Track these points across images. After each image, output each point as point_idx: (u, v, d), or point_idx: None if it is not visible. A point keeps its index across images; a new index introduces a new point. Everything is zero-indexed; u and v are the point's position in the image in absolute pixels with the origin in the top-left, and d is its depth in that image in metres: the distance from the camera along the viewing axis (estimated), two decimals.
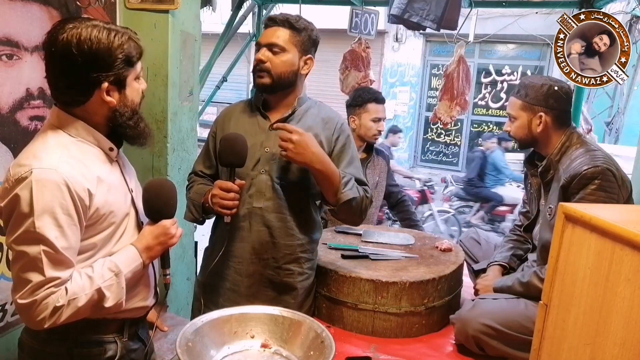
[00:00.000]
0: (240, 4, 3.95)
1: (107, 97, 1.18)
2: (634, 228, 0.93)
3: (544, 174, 1.90)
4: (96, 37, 1.14)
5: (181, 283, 2.59)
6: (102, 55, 1.15)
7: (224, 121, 1.80)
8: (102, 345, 1.28)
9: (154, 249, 1.27)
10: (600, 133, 5.52)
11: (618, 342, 0.95)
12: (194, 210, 1.75)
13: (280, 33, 1.68)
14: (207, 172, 1.83)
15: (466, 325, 1.77)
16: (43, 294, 1.10)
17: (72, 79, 1.16)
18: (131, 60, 1.20)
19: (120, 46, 1.17)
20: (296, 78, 1.72)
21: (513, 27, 8.47)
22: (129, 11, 2.20)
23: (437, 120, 3.99)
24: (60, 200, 1.10)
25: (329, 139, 1.75)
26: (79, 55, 1.12)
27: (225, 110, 1.87)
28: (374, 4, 4.09)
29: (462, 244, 2.35)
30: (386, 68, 9.75)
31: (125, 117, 1.23)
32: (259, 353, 1.36)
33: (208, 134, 1.85)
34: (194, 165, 1.91)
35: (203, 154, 1.86)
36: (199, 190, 1.75)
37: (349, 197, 1.64)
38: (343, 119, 1.85)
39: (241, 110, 1.81)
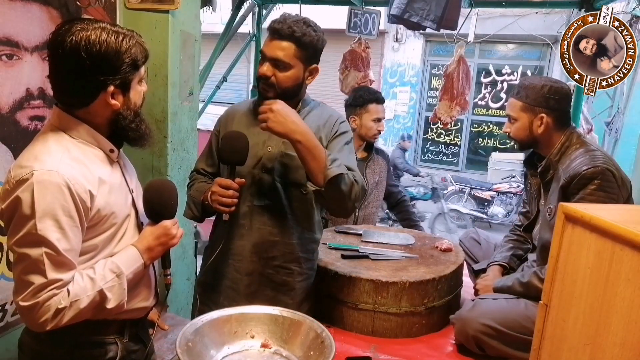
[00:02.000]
0: (240, 4, 3.95)
1: (112, 100, 1.18)
2: (634, 228, 0.93)
3: (544, 174, 1.90)
4: (105, 40, 1.13)
5: (181, 283, 2.59)
6: (110, 58, 1.14)
7: (227, 120, 1.81)
8: (103, 346, 1.28)
9: (154, 250, 1.27)
10: (600, 133, 5.51)
11: (618, 342, 0.95)
12: (193, 207, 1.76)
13: (285, 46, 1.61)
14: (209, 170, 1.84)
15: (466, 325, 1.77)
16: (45, 296, 1.10)
17: (78, 81, 1.15)
18: (137, 63, 1.20)
19: (127, 50, 1.17)
20: (301, 89, 1.72)
21: (513, 27, 8.47)
22: (129, 11, 2.20)
23: (437, 120, 3.99)
24: (62, 202, 1.10)
25: (328, 135, 1.75)
26: (88, 58, 1.12)
27: (229, 110, 1.88)
28: (374, 4, 4.09)
29: (462, 244, 2.35)
30: (386, 68, 9.75)
31: (128, 120, 1.23)
32: (259, 353, 1.36)
33: (211, 132, 1.86)
34: (196, 162, 1.92)
35: (206, 152, 1.87)
36: (200, 188, 1.75)
37: (335, 173, 1.52)
38: (343, 117, 1.85)
39: (245, 110, 1.81)
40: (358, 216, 2.71)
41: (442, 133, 10.56)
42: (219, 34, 3.99)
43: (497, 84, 9.91)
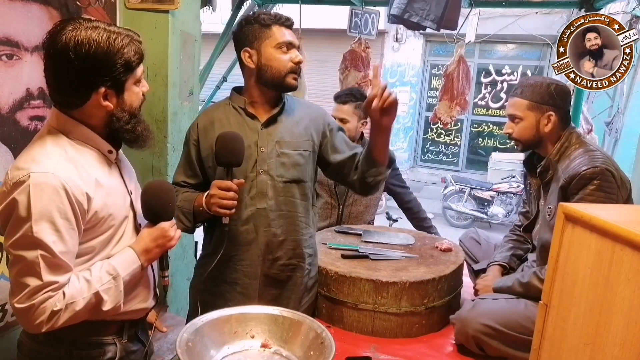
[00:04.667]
0: (240, 4, 3.95)
1: (105, 101, 1.17)
2: (634, 228, 0.93)
3: (543, 174, 1.90)
4: (95, 40, 1.12)
5: (181, 283, 2.59)
6: (100, 59, 1.13)
7: (207, 128, 1.73)
8: (101, 347, 1.27)
9: (152, 252, 1.27)
10: (600, 133, 5.51)
11: (618, 342, 0.95)
12: (183, 218, 1.68)
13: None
14: (190, 181, 1.76)
15: (466, 325, 1.77)
16: (40, 298, 1.09)
17: (68, 81, 1.14)
18: (130, 64, 1.17)
19: (119, 51, 1.14)
20: None
21: (513, 27, 8.47)
22: (129, 11, 2.20)
23: (437, 120, 3.99)
24: (58, 205, 1.09)
25: (318, 130, 1.78)
26: (76, 58, 1.11)
27: (204, 117, 1.77)
28: (374, 4, 4.09)
29: (462, 244, 2.35)
30: (386, 68, 9.73)
31: (123, 121, 1.21)
32: (259, 353, 1.36)
33: (185, 142, 1.78)
34: (174, 176, 1.82)
35: (183, 164, 1.79)
36: (187, 197, 1.69)
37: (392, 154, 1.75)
38: (324, 110, 1.90)
39: (223, 114, 1.74)
40: (343, 213, 2.69)
41: (442, 133, 10.56)
42: (219, 34, 3.99)
43: (497, 84, 9.92)
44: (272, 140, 1.70)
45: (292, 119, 1.75)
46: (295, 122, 1.75)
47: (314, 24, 5.34)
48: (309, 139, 1.76)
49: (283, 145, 1.71)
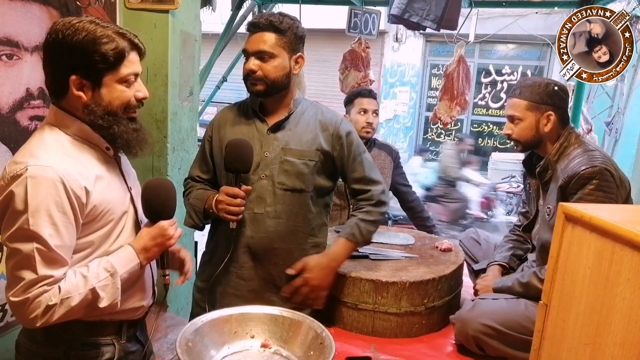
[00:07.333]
0: (240, 4, 3.95)
1: (77, 91, 1.16)
2: (634, 228, 0.93)
3: (542, 174, 1.89)
4: (78, 28, 1.13)
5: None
6: (76, 45, 1.13)
7: (220, 125, 1.77)
8: (99, 347, 1.27)
9: (151, 250, 1.26)
10: (600, 133, 5.51)
11: (618, 342, 0.95)
12: (194, 216, 1.72)
13: (267, 38, 1.63)
14: (204, 176, 1.80)
15: (466, 326, 1.77)
16: (35, 292, 1.09)
17: (50, 66, 1.17)
18: (107, 58, 1.15)
19: (96, 41, 1.14)
20: (290, 79, 1.70)
21: (513, 27, 8.46)
22: (129, 11, 2.21)
23: (437, 120, 4.00)
24: (56, 198, 1.09)
25: (328, 140, 1.74)
26: (57, 42, 1.13)
27: (220, 114, 1.83)
28: (374, 4, 4.09)
29: (462, 244, 2.35)
30: (386, 68, 9.74)
31: (96, 115, 1.18)
32: (259, 353, 1.36)
33: (203, 137, 1.82)
34: (190, 170, 1.87)
35: (199, 159, 1.83)
36: (200, 195, 1.72)
37: (371, 237, 1.81)
38: (341, 117, 1.83)
39: (237, 113, 1.78)
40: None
41: (442, 133, 10.55)
42: (219, 34, 4.00)
43: (497, 84, 9.91)
44: (278, 146, 1.69)
45: (303, 126, 1.72)
46: (304, 130, 1.72)
47: (314, 24, 5.34)
48: (317, 148, 1.73)
49: (288, 152, 1.69)
